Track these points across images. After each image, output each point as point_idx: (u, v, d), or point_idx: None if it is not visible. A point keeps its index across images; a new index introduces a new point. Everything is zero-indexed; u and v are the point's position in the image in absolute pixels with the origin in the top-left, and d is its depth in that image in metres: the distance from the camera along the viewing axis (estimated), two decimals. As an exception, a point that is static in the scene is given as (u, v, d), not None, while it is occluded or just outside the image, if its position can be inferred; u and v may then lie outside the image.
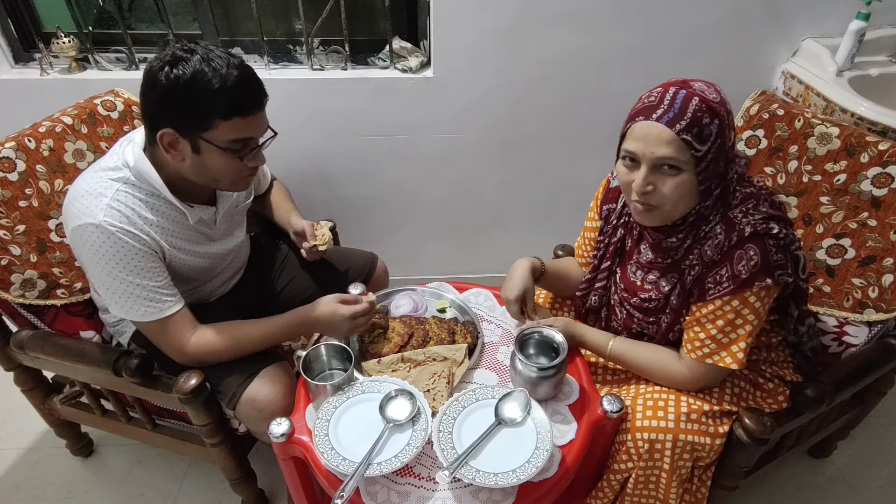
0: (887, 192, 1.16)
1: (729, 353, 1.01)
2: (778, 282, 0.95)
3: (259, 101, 1.03)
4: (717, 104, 0.91)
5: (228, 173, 1.06)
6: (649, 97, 0.94)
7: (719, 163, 0.94)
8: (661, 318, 1.09)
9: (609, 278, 1.19)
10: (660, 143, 0.91)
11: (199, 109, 0.97)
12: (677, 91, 0.91)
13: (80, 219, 1.01)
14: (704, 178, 0.93)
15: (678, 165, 0.91)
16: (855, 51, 1.54)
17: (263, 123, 1.07)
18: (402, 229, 2.02)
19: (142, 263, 1.05)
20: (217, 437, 1.21)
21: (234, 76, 0.96)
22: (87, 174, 1.08)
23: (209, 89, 0.95)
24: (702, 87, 0.93)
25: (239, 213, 1.30)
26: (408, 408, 1.00)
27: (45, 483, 1.57)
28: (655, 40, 1.63)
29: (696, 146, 0.90)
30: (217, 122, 0.98)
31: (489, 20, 1.56)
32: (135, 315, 1.07)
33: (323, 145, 1.77)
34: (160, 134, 0.99)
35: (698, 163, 0.91)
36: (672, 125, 0.89)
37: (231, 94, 0.97)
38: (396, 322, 1.22)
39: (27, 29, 1.68)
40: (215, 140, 1.00)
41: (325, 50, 1.70)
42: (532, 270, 1.18)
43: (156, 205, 1.08)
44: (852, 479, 1.57)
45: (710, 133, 0.90)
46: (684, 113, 0.89)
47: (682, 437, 1.03)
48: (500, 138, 1.80)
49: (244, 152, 1.04)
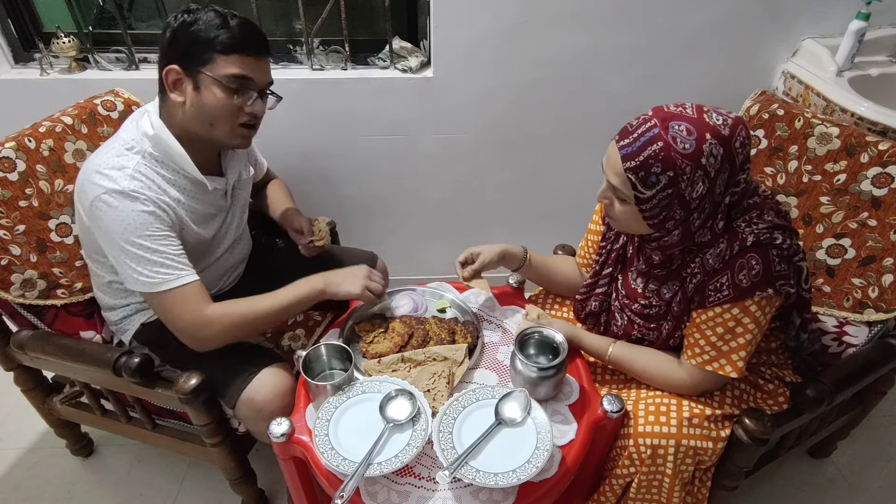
0: (887, 192, 1.16)
1: (728, 361, 1.00)
2: (779, 292, 0.94)
3: (258, 45, 1.07)
4: (684, 156, 0.87)
5: (223, 115, 1.07)
6: (635, 120, 0.93)
7: (672, 208, 0.92)
8: (662, 325, 1.09)
9: (610, 284, 1.19)
10: (612, 171, 0.94)
11: (201, 43, 1.03)
12: (651, 127, 0.89)
13: (102, 187, 1.03)
14: (650, 217, 0.94)
15: (622, 197, 0.95)
16: (855, 51, 1.54)
17: (265, 72, 1.10)
18: (402, 229, 2.02)
19: (162, 231, 1.07)
20: (217, 437, 1.21)
21: (237, 21, 1.04)
22: (101, 153, 1.10)
23: (212, 26, 1.02)
24: (679, 132, 0.87)
25: (243, 186, 1.31)
26: (408, 408, 1.00)
27: (45, 483, 1.57)
28: (656, 40, 1.63)
29: (640, 188, 0.91)
30: (216, 57, 1.03)
31: (489, 20, 1.56)
32: (151, 285, 1.05)
33: (323, 145, 1.77)
34: (166, 71, 1.05)
35: (639, 202, 0.93)
36: (624, 160, 0.90)
37: (231, 31, 1.03)
38: (396, 322, 1.22)
39: (27, 29, 1.68)
40: (215, 73, 1.04)
41: (325, 50, 1.70)
42: (505, 253, 1.23)
43: (174, 179, 1.12)
44: (852, 479, 1.57)
45: (655, 181, 0.89)
46: (639, 153, 0.89)
47: (684, 442, 1.03)
48: (500, 138, 1.80)
49: (241, 92, 1.07)
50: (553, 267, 1.33)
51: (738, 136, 0.89)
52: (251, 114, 1.10)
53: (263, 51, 1.08)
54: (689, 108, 0.90)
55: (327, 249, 1.41)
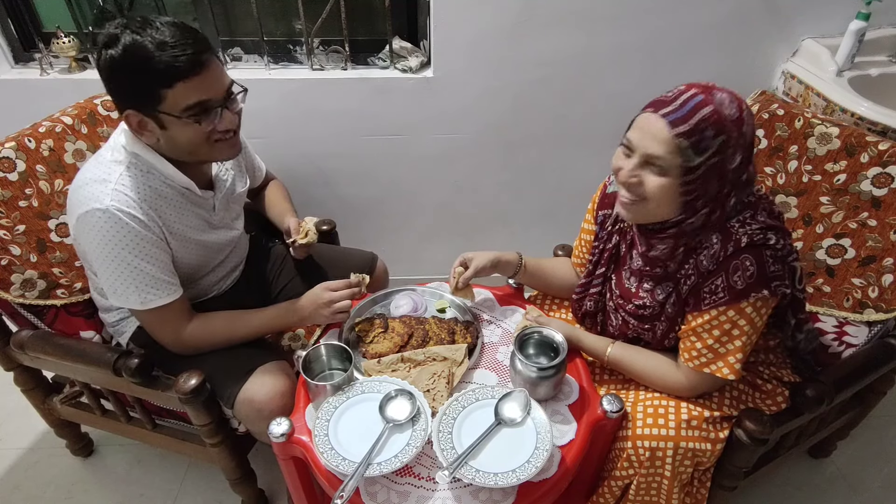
0: (887, 192, 1.16)
1: (725, 364, 1.00)
2: (775, 293, 0.94)
3: (199, 60, 0.95)
4: (732, 122, 0.86)
5: (198, 144, 1.03)
6: (667, 93, 0.91)
7: (711, 181, 0.89)
8: (657, 326, 1.09)
9: (604, 284, 1.19)
10: (655, 140, 0.88)
11: (141, 85, 0.94)
12: (695, 94, 0.87)
13: (86, 205, 1.01)
14: (688, 191, 0.90)
15: (665, 167, 0.89)
16: (855, 51, 1.54)
17: (217, 82, 0.99)
18: (402, 229, 2.02)
19: (147, 249, 1.05)
20: (217, 437, 1.21)
21: (166, 39, 0.92)
22: (88, 165, 1.09)
23: (142, 61, 0.91)
24: (724, 98, 0.87)
25: (236, 200, 1.30)
26: (408, 408, 1.00)
27: (45, 483, 1.57)
28: (655, 40, 1.62)
29: (690, 154, 0.86)
30: (163, 93, 0.94)
31: (489, 20, 1.56)
32: (135, 302, 1.08)
33: (323, 145, 1.77)
34: (125, 116, 0.99)
35: (685, 173, 0.88)
36: (673, 125, 0.86)
37: (164, 60, 0.91)
38: (396, 322, 1.22)
39: (27, 29, 1.68)
40: (171, 111, 0.96)
41: (325, 50, 1.70)
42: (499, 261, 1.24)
43: (159, 188, 1.08)
44: (852, 479, 1.57)
45: (707, 147, 0.86)
46: (690, 117, 0.86)
47: (682, 444, 1.03)
48: (500, 138, 1.80)
49: (205, 117, 0.99)
50: (550, 270, 1.32)
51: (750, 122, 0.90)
52: (224, 129, 1.04)
53: (205, 61, 0.96)
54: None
55: (314, 250, 1.39)
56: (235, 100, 1.05)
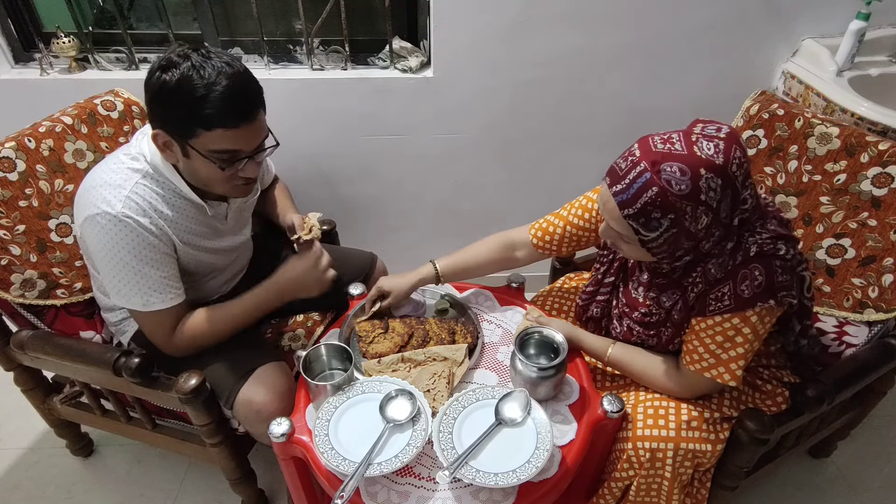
0: (887, 191, 1.16)
1: (727, 370, 1.00)
2: (781, 303, 0.93)
3: (246, 114, 0.97)
4: (680, 198, 0.85)
5: (217, 182, 1.05)
6: (623, 160, 0.90)
7: (679, 241, 0.91)
8: (662, 332, 1.09)
9: (612, 293, 1.19)
10: (611, 216, 0.93)
11: (182, 116, 0.95)
12: (643, 172, 0.86)
13: (97, 207, 1.02)
14: (657, 253, 0.94)
15: (628, 238, 0.94)
16: (855, 51, 1.54)
17: (254, 136, 1.02)
18: (402, 229, 2.02)
19: (152, 255, 1.06)
20: (217, 437, 1.21)
21: (221, 86, 0.93)
22: (106, 163, 1.09)
23: (192, 98, 0.92)
24: (673, 174, 0.84)
25: (247, 208, 1.31)
26: (408, 408, 1.00)
27: (45, 483, 1.57)
28: (655, 40, 1.62)
29: (642, 232, 0.90)
30: (200, 132, 0.96)
31: (489, 20, 1.56)
32: (137, 304, 1.08)
33: (323, 145, 1.77)
34: (154, 133, 1.00)
35: (645, 244, 0.92)
36: (621, 207, 0.89)
37: (214, 105, 0.93)
38: (396, 322, 1.22)
39: (27, 29, 1.68)
40: (199, 148, 0.98)
41: (325, 50, 1.70)
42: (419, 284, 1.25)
43: (172, 200, 1.09)
44: (852, 479, 1.57)
45: (657, 225, 0.88)
46: (635, 201, 0.87)
47: (683, 445, 1.03)
48: (499, 138, 1.80)
49: (229, 164, 1.01)
50: (473, 262, 1.28)
51: (734, 160, 0.86)
52: (244, 178, 1.06)
53: (251, 115, 0.98)
54: (678, 142, 0.87)
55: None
56: (263, 152, 1.06)
